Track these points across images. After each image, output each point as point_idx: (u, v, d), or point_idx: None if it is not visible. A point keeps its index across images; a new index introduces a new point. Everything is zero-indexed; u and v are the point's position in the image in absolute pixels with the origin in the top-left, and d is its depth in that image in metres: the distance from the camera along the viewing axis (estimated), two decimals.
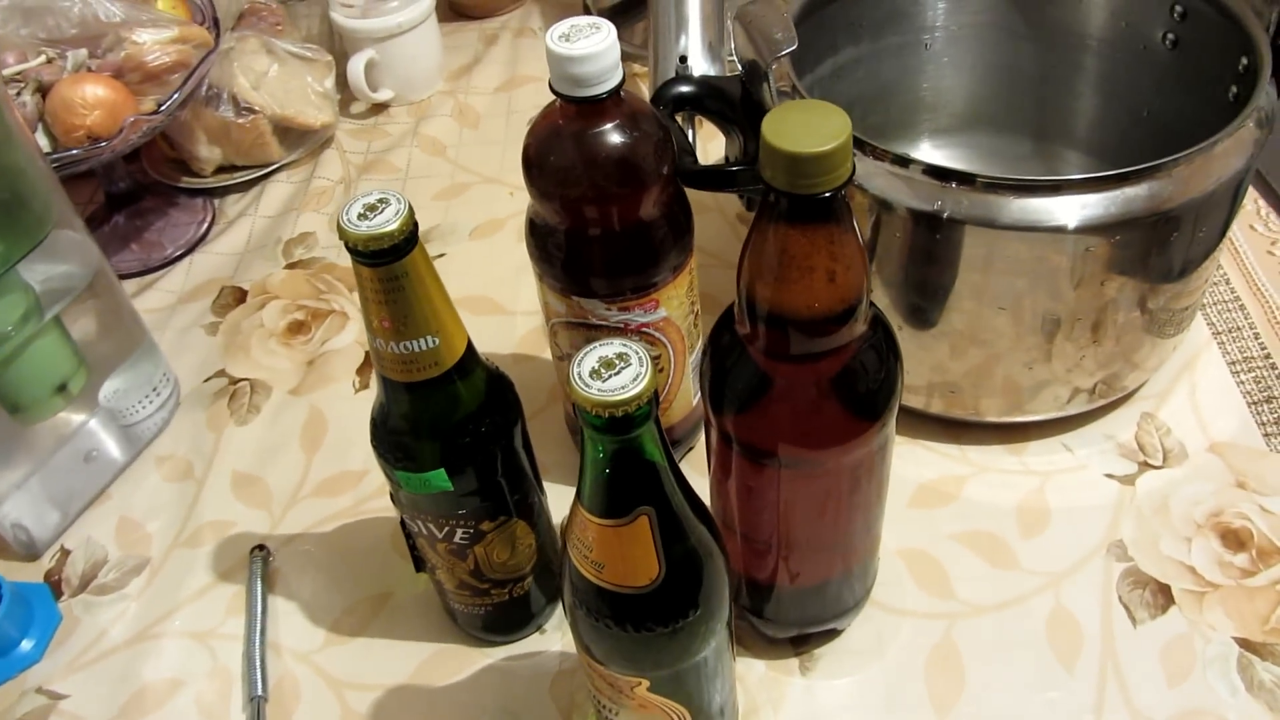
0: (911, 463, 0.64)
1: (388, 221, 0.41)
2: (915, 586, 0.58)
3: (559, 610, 0.59)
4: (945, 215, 0.54)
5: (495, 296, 0.77)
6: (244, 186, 0.90)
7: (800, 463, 0.45)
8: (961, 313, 0.57)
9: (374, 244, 0.41)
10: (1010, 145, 0.76)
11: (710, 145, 0.82)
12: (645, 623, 0.40)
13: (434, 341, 0.44)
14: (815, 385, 0.43)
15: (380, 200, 0.42)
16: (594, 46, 0.46)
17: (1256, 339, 0.68)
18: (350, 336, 0.76)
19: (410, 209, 0.41)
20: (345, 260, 0.82)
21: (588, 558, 0.40)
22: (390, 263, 0.41)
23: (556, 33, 0.47)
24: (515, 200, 0.85)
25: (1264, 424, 0.64)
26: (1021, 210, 0.52)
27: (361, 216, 0.41)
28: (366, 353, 0.74)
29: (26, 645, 0.59)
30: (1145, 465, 0.63)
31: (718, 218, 0.80)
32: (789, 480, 0.46)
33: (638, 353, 0.35)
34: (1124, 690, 0.54)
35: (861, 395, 0.44)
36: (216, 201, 0.89)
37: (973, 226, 0.53)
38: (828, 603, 0.54)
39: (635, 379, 0.34)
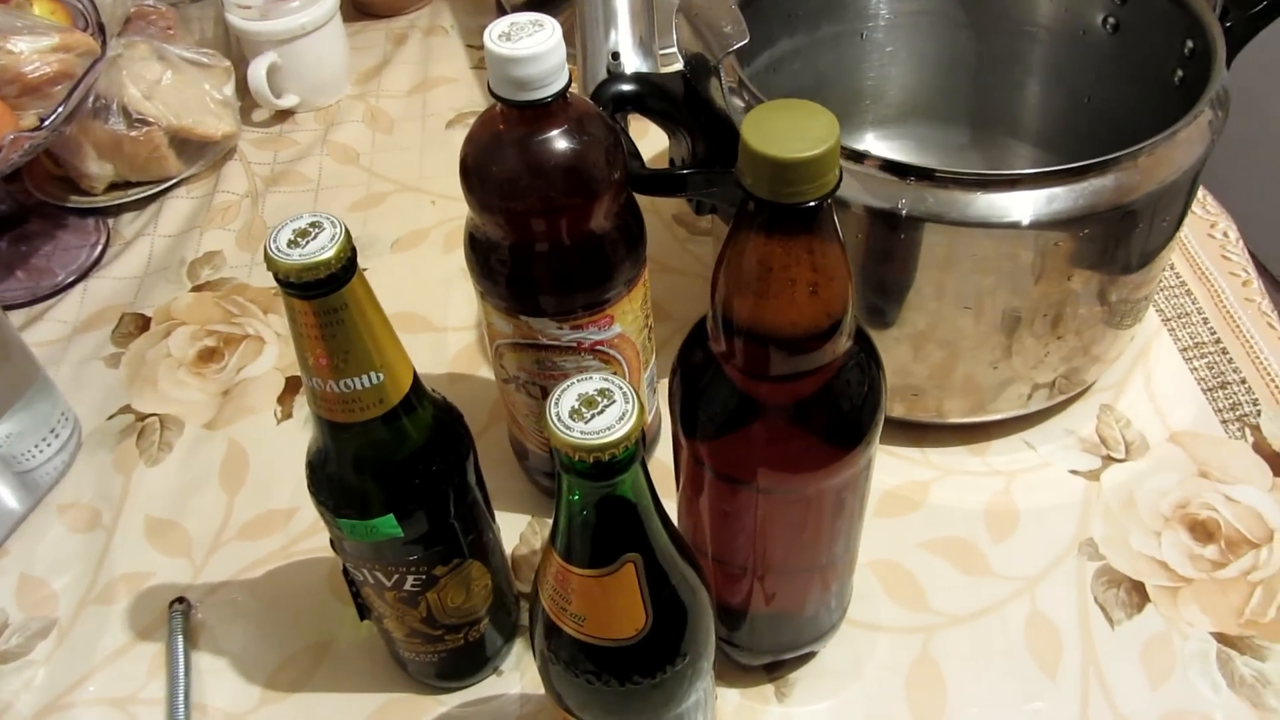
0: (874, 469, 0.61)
1: (322, 248, 0.36)
2: (889, 600, 0.56)
3: (516, 650, 0.55)
4: (905, 213, 0.51)
5: (423, 312, 0.73)
6: (140, 204, 0.84)
7: (781, 488, 0.42)
8: (923, 313, 0.55)
9: (308, 274, 0.36)
10: (950, 135, 0.74)
11: (640, 143, 0.78)
12: (632, 676, 0.37)
13: (378, 378, 0.40)
14: (796, 406, 0.40)
15: (312, 224, 0.37)
16: (538, 46, 0.42)
17: (1205, 324, 0.68)
18: (269, 362, 0.70)
19: (347, 233, 0.37)
20: (257, 280, 0.76)
21: (566, 610, 0.36)
22: (326, 294, 0.37)
23: (495, 31, 0.43)
24: (438, 209, 0.81)
25: (1220, 410, 0.63)
26: (988, 206, 0.50)
27: (291, 244, 0.37)
28: (288, 379, 0.69)
29: None
30: (1109, 459, 0.61)
31: (653, 219, 0.77)
32: (767, 504, 0.43)
33: (621, 387, 0.32)
34: (1108, 695, 0.52)
35: (846, 414, 0.41)
36: (110, 221, 0.83)
37: (934, 224, 0.51)
38: (804, 626, 0.52)
39: (621, 418, 0.31)
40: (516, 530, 0.60)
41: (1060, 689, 0.52)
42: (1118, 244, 0.53)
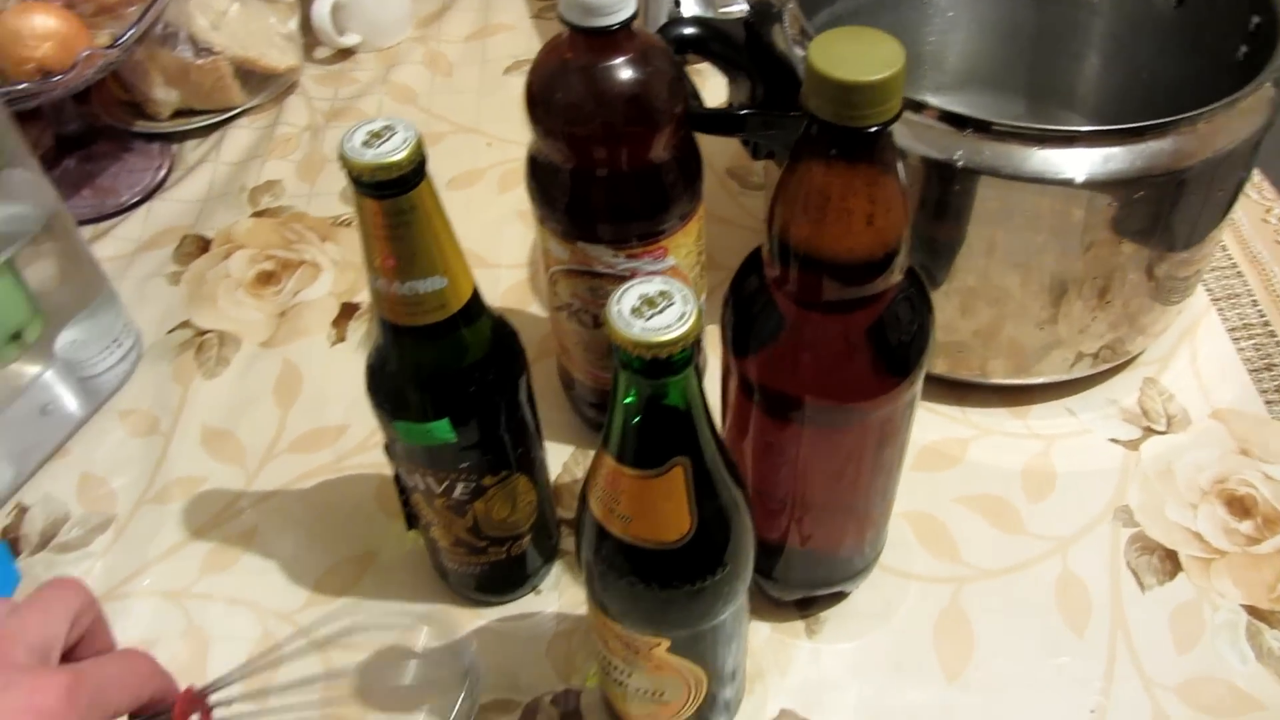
0: (914, 424, 0.62)
1: (395, 149, 0.37)
2: (922, 549, 0.57)
3: (555, 571, 0.56)
4: (960, 165, 0.52)
5: (477, 249, 0.74)
6: (204, 132, 0.86)
7: (825, 416, 0.43)
8: (972, 269, 0.56)
9: (380, 174, 0.37)
10: (1005, 105, 0.74)
11: None
12: (673, 580, 0.38)
13: (441, 282, 0.41)
14: (846, 335, 0.41)
15: (385, 127, 0.38)
16: None
17: (1255, 306, 0.68)
18: (324, 288, 0.72)
19: (419, 138, 0.38)
20: (316, 210, 0.78)
21: (613, 510, 0.37)
22: (396, 195, 0.38)
23: None
24: (493, 150, 0.82)
25: (1265, 391, 0.63)
26: (1043, 161, 0.51)
27: (366, 144, 0.38)
28: (343, 305, 0.71)
29: None
30: (1149, 431, 0.62)
31: (706, 172, 0.78)
32: (811, 437, 0.44)
33: (681, 290, 0.33)
34: (1134, 656, 0.53)
35: (894, 348, 0.42)
36: (174, 147, 0.85)
37: (989, 177, 0.52)
38: (838, 565, 0.53)
39: (680, 319, 0.32)
40: (560, 460, 0.61)
41: (1087, 645, 0.53)
42: (1171, 211, 0.54)
